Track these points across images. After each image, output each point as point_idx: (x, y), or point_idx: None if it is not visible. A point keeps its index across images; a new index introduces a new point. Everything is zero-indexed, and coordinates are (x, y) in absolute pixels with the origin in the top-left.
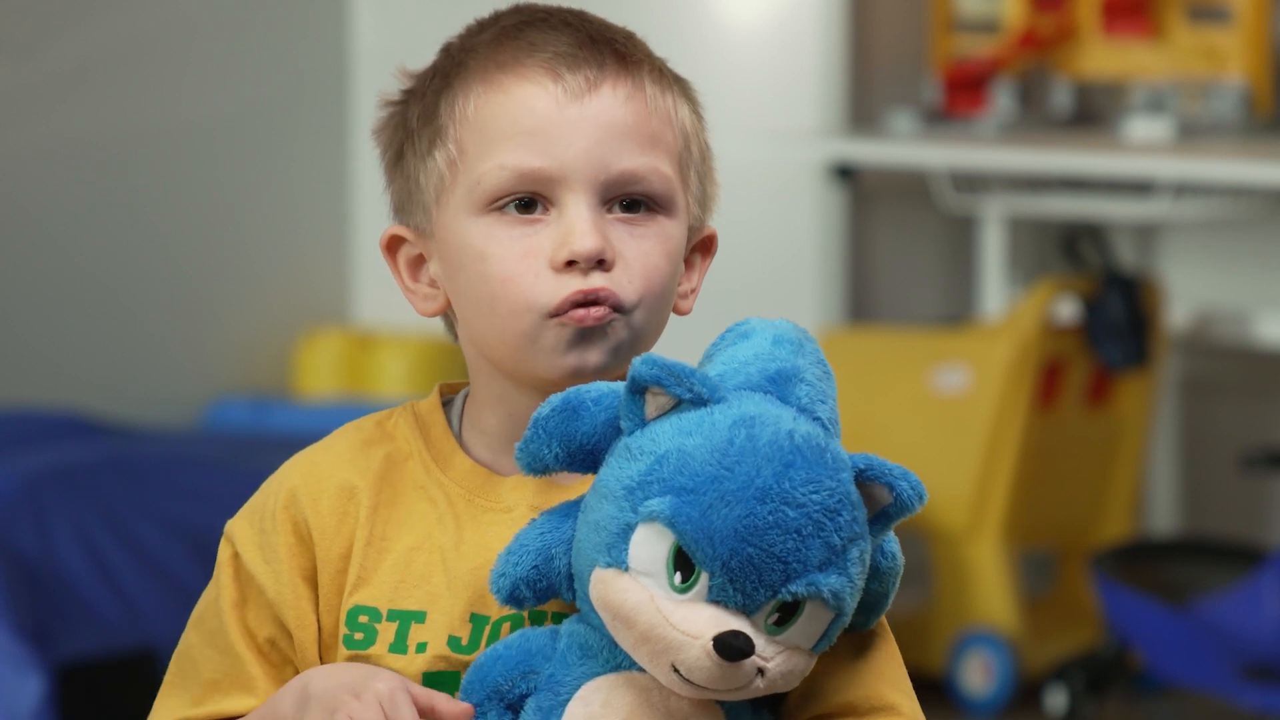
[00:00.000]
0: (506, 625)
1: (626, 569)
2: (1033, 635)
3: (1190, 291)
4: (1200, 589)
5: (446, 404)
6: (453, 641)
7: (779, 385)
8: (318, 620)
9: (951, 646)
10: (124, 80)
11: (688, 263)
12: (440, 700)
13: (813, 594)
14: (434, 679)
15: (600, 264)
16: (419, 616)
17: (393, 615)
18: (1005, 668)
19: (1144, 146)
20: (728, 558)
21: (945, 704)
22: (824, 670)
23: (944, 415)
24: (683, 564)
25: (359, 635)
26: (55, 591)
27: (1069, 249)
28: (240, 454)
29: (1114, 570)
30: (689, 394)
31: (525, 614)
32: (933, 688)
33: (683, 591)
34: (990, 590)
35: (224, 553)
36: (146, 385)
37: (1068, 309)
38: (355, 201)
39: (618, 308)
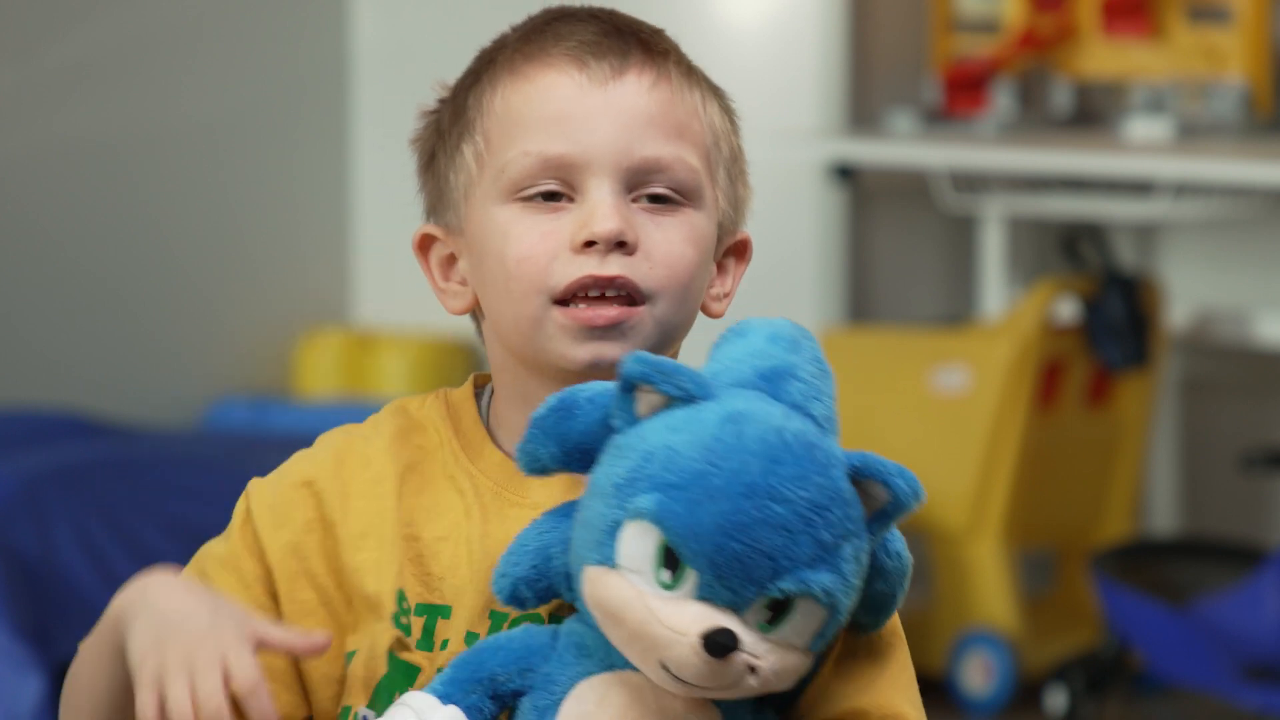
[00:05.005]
0: (524, 625)
1: (615, 566)
2: (1033, 635)
3: (1190, 291)
4: (1200, 589)
5: (477, 395)
6: (469, 638)
7: (771, 382)
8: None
9: (951, 646)
10: (124, 80)
11: (721, 266)
12: (291, 639)
13: (803, 591)
14: None
15: (622, 246)
16: (444, 611)
17: (420, 609)
18: (1005, 668)
19: (1144, 146)
20: (713, 554)
21: (945, 704)
22: (836, 674)
23: (944, 415)
24: (670, 561)
25: (404, 619)
26: (55, 591)
27: (1069, 249)
28: (240, 454)
29: (1114, 570)
30: (678, 391)
31: (545, 614)
32: (933, 688)
33: (670, 588)
34: (990, 590)
35: (239, 507)
36: (146, 385)
37: (1068, 309)
38: (355, 201)
39: (634, 295)
